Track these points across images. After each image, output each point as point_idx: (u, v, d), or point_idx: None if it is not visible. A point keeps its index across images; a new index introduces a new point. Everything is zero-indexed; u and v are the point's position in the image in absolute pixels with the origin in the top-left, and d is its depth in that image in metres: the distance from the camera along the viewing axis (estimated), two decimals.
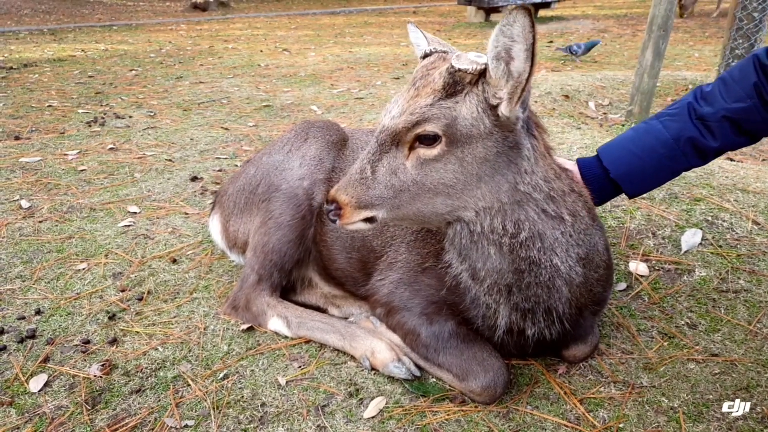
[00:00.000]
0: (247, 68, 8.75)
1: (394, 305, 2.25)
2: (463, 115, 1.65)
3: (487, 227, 1.76)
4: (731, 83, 1.88)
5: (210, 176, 4.22)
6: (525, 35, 1.48)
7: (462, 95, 1.66)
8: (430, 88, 1.69)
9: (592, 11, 17.51)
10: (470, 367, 2.06)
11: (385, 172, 1.75)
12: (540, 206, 1.76)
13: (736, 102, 1.84)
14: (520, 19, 1.46)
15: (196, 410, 2.05)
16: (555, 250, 1.80)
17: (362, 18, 17.61)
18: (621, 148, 2.05)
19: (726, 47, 5.56)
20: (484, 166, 1.70)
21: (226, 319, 2.56)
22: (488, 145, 1.68)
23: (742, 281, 2.63)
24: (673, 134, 1.95)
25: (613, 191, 2.10)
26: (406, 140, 1.72)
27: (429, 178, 1.71)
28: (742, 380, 2.11)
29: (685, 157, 1.96)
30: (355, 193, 1.77)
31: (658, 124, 2.00)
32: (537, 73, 7.68)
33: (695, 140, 1.92)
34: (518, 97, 1.60)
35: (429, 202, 1.75)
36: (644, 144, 2.00)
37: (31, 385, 2.15)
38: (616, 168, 2.03)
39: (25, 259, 3.04)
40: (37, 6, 18.90)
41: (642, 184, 2.06)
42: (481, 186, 1.72)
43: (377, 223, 1.82)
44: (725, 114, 1.86)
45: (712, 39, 11.30)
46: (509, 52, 1.54)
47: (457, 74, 1.64)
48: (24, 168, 4.31)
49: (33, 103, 6.28)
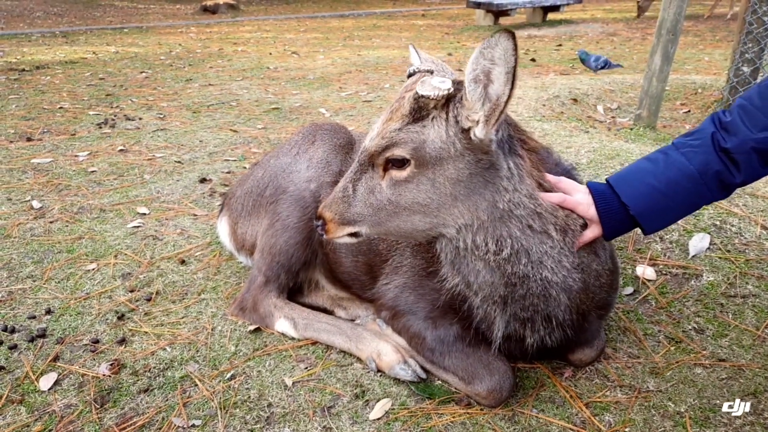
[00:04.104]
0: (256, 71, 8.80)
1: (400, 309, 2.27)
2: (431, 139, 1.68)
3: (471, 243, 1.78)
4: (753, 111, 1.72)
5: (219, 178, 4.25)
6: (507, 58, 1.49)
7: (429, 120, 1.69)
8: (399, 113, 1.73)
9: (602, 15, 17.46)
10: (476, 370, 2.06)
11: (364, 191, 1.82)
12: (525, 222, 1.76)
13: (762, 131, 1.69)
14: (503, 42, 1.47)
15: (203, 410, 2.07)
16: (544, 264, 1.80)
17: (371, 21, 17.65)
18: (641, 183, 1.82)
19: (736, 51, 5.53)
20: (458, 186, 1.72)
21: (233, 320, 2.58)
22: (460, 167, 1.70)
23: (750, 286, 2.61)
24: (698, 167, 1.76)
25: (628, 227, 1.89)
26: (379, 162, 1.78)
27: (403, 198, 1.76)
28: (749, 385, 2.10)
29: (709, 192, 1.79)
30: (338, 210, 1.85)
31: (680, 156, 1.80)
32: (546, 77, 7.67)
33: (721, 174, 1.75)
34: (495, 119, 1.60)
35: (407, 220, 1.79)
36: (668, 178, 1.79)
37: (41, 384, 2.18)
38: (637, 204, 1.81)
39: (36, 259, 3.08)
40: (49, 9, 19.10)
41: (663, 221, 1.86)
42: (457, 205, 1.74)
43: (363, 237, 1.90)
44: (753, 145, 1.69)
45: (723, 42, 11.23)
46: (488, 74, 1.55)
47: (420, 100, 1.66)
48: (35, 169, 4.36)
49: (45, 105, 6.35)
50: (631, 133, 5.41)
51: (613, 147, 4.00)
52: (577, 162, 3.73)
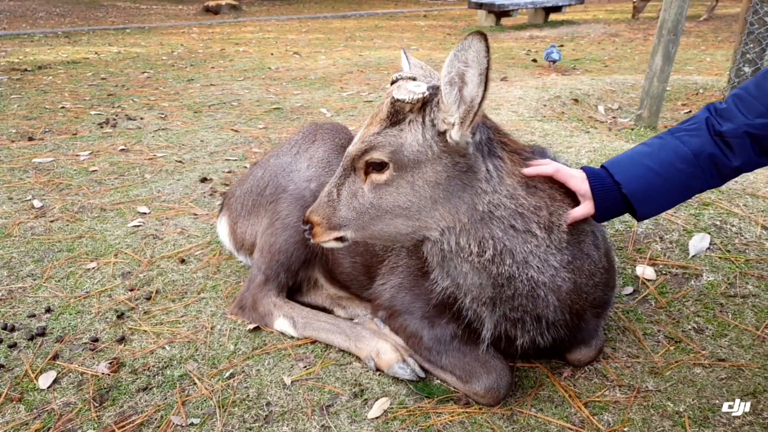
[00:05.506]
0: (257, 71, 8.81)
1: (396, 309, 2.27)
2: (408, 142, 1.71)
3: (454, 246, 1.79)
4: (749, 99, 1.76)
5: (219, 178, 4.26)
6: (479, 60, 1.51)
7: (406, 123, 1.72)
8: (378, 117, 1.77)
9: (604, 15, 17.44)
10: (473, 369, 2.06)
11: (347, 195, 1.85)
12: (506, 223, 1.77)
13: (758, 117, 1.72)
14: (475, 44, 1.49)
15: (202, 408, 2.07)
16: (529, 263, 1.80)
17: (373, 22, 17.65)
18: (634, 163, 1.85)
19: (737, 51, 5.52)
20: (437, 189, 1.74)
21: (232, 318, 2.58)
22: (438, 169, 1.72)
23: (750, 286, 2.61)
24: (692, 149, 1.80)
25: (621, 208, 1.89)
26: (360, 166, 1.81)
27: (384, 201, 1.78)
28: (749, 385, 2.10)
29: (703, 175, 1.81)
30: (324, 214, 1.88)
31: (675, 140, 1.84)
32: (547, 77, 7.67)
33: (715, 157, 1.78)
34: (470, 121, 1.63)
35: (390, 223, 1.81)
36: (661, 159, 1.82)
37: (40, 382, 2.18)
38: (630, 183, 1.82)
39: (36, 257, 3.08)
40: (51, 9, 19.14)
41: (656, 203, 1.87)
42: (437, 207, 1.76)
43: (348, 242, 1.92)
44: (747, 130, 1.73)
45: (725, 43, 11.21)
46: (463, 77, 1.57)
47: (397, 104, 1.69)
48: (37, 168, 4.37)
49: (46, 105, 6.37)
50: (632, 133, 5.41)
51: (613, 147, 4.00)
52: (578, 162, 3.73)
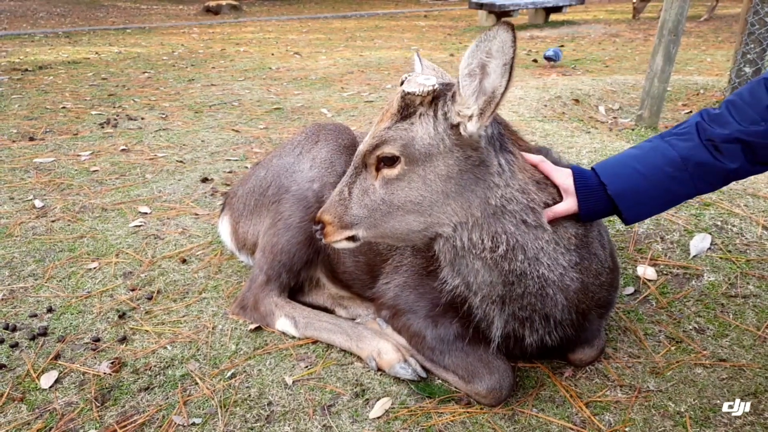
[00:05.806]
0: (258, 71, 8.81)
1: (400, 308, 2.27)
2: (420, 135, 1.70)
3: (467, 241, 1.79)
4: (742, 106, 1.74)
5: (220, 178, 4.26)
6: (505, 50, 1.50)
7: (416, 117, 1.72)
8: (389, 113, 1.77)
9: (604, 15, 17.44)
10: (475, 369, 2.06)
11: (359, 192, 1.84)
12: (518, 217, 1.77)
13: (752, 125, 1.71)
14: (501, 34, 1.47)
15: (203, 408, 2.07)
16: (540, 260, 1.80)
17: (373, 22, 17.66)
18: (621, 164, 1.84)
19: (738, 52, 5.53)
20: (449, 183, 1.73)
21: (234, 318, 2.59)
22: (449, 163, 1.72)
23: (751, 286, 2.61)
24: (681, 153, 1.78)
25: (606, 209, 1.86)
26: (371, 162, 1.81)
27: (396, 197, 1.78)
28: (750, 385, 2.10)
29: (691, 180, 1.79)
30: (336, 214, 1.88)
31: (664, 144, 1.83)
32: (548, 77, 7.67)
33: (704, 162, 1.76)
34: (490, 112, 1.62)
35: (402, 220, 1.80)
36: (648, 161, 1.81)
37: (42, 382, 2.19)
38: (615, 183, 1.81)
39: (37, 257, 3.09)
40: (52, 9, 19.15)
41: (642, 206, 1.84)
42: (449, 202, 1.75)
43: (360, 242, 1.91)
44: (738, 136, 1.71)
45: (725, 44, 11.22)
46: (484, 68, 1.56)
47: (407, 97, 1.70)
48: (38, 168, 4.37)
49: (47, 105, 6.37)
50: (632, 133, 5.41)
51: (614, 147, 4.00)
52: (578, 162, 3.73)
